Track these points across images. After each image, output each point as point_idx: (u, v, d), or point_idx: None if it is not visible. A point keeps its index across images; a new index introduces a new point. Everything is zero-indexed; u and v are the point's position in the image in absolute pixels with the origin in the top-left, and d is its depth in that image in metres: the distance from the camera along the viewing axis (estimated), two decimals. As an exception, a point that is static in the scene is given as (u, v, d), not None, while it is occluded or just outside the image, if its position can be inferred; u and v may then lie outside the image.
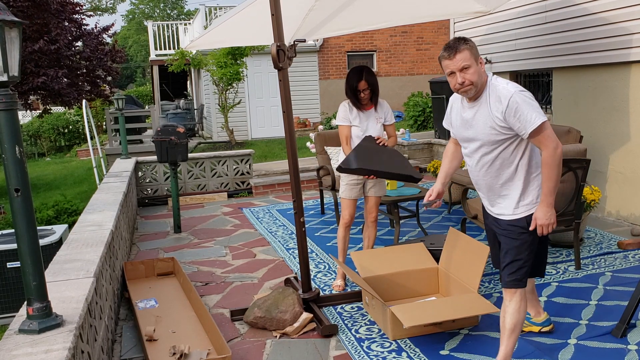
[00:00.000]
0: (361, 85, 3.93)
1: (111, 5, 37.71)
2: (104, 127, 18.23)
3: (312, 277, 4.33)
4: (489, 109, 2.53)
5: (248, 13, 4.40)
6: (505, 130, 2.51)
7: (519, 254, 2.66)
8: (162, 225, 6.46)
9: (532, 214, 2.62)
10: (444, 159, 3.01)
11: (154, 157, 7.36)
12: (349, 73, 4.01)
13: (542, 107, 6.47)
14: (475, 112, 2.59)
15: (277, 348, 3.28)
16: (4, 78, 2.03)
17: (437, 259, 3.83)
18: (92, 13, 17.11)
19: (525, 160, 2.61)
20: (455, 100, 2.79)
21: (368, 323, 3.53)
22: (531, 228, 2.58)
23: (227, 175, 7.98)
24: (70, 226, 6.32)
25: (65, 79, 11.90)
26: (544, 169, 2.52)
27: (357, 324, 3.53)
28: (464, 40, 2.53)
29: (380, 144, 3.86)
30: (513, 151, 2.58)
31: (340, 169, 3.70)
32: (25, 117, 23.17)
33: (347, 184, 4.08)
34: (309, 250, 4.75)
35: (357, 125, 4.02)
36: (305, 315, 3.51)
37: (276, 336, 3.42)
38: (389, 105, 4.19)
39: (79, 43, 12.95)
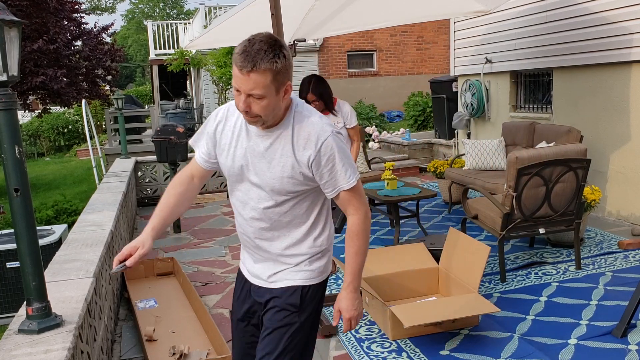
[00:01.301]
0: (309, 97, 4.00)
1: (111, 5, 37.71)
2: (104, 126, 18.22)
3: (312, 277, 4.33)
4: (291, 147, 1.76)
5: (248, 12, 4.40)
6: (307, 180, 1.79)
7: (284, 344, 1.86)
8: (161, 225, 6.44)
9: (313, 285, 1.92)
10: (166, 198, 1.96)
11: (154, 157, 7.35)
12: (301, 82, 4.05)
13: (542, 107, 6.55)
14: (270, 144, 1.78)
15: (277, 348, 3.27)
16: (4, 78, 2.03)
17: (437, 259, 3.83)
18: (91, 12, 17.08)
19: (323, 217, 1.93)
20: (233, 114, 1.87)
21: (368, 323, 3.52)
22: (335, 322, 1.91)
23: (226, 175, 7.97)
24: (70, 226, 6.31)
25: (65, 79, 11.89)
26: (353, 240, 1.86)
27: (357, 324, 3.52)
28: (273, 53, 1.63)
29: None
30: (309, 206, 1.87)
31: None
32: (24, 117, 23.16)
33: None
34: (308, 250, 4.74)
35: None
36: (305, 316, 3.50)
37: (276, 336, 3.41)
38: (351, 108, 4.20)
39: (78, 42, 12.95)
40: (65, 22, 12.44)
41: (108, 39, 14.63)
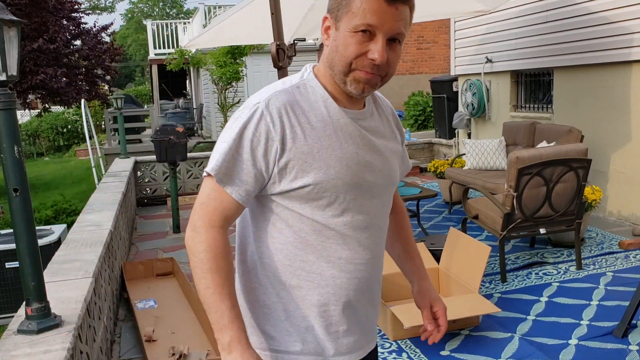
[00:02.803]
0: None
1: (110, 4, 37.68)
2: (103, 126, 18.21)
3: (312, 277, 4.32)
4: (387, 118, 1.34)
5: (247, 12, 4.40)
6: None
7: None
8: (161, 225, 6.44)
9: None
10: (226, 275, 1.25)
11: (153, 157, 7.33)
12: None
13: (543, 107, 6.55)
14: (378, 122, 1.30)
15: (277, 348, 3.26)
16: (3, 77, 2.02)
17: (437, 259, 3.82)
18: (90, 12, 17.07)
19: None
20: (297, 101, 1.18)
21: (368, 323, 3.51)
22: (430, 328, 1.50)
23: (226, 174, 7.94)
24: (69, 226, 6.29)
25: (64, 78, 11.88)
26: (405, 220, 1.52)
27: (357, 324, 3.51)
28: None
29: None
30: None
31: None
32: (24, 116, 23.15)
33: None
34: (308, 250, 4.74)
35: None
36: (306, 316, 3.49)
37: (276, 336, 3.40)
38: None
39: (78, 42, 12.94)
40: (65, 22, 12.43)
41: (107, 39, 14.61)
